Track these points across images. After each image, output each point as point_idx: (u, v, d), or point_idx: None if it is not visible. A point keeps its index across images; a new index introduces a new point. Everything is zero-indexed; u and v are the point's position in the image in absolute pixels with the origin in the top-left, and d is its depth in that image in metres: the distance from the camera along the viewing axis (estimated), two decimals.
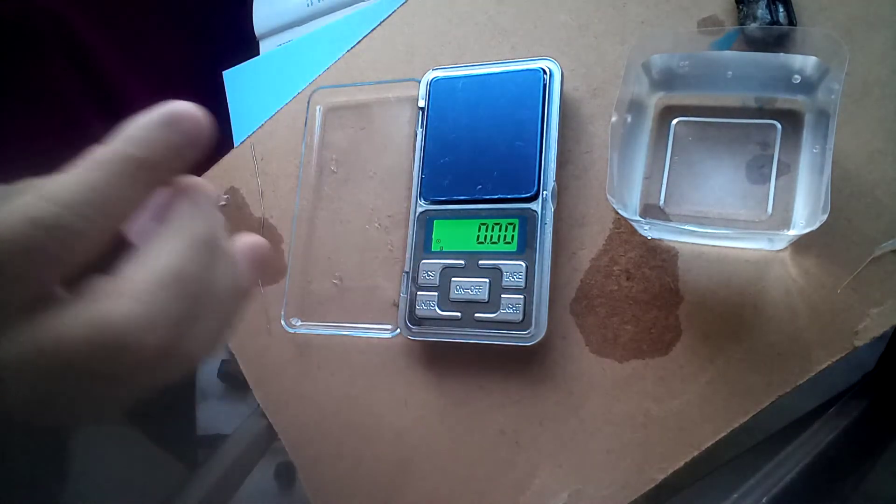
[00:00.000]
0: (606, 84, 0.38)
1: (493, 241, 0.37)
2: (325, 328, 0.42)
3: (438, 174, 0.39)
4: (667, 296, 0.35)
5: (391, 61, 0.43)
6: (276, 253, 0.45)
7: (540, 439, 0.37)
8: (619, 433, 0.35)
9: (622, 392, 0.36)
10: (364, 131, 0.44)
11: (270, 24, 0.56)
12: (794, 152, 0.33)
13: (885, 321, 0.31)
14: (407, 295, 0.39)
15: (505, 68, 0.38)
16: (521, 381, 0.38)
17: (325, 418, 0.42)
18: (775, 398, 0.33)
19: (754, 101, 0.34)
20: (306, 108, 0.44)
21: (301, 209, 0.44)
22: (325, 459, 0.42)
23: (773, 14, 0.34)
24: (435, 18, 0.43)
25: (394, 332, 0.40)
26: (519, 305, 0.36)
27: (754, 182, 0.34)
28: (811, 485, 0.34)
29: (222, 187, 0.47)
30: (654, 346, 0.35)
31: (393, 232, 0.42)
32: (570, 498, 0.36)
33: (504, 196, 0.37)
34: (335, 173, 0.44)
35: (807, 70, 0.32)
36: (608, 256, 0.37)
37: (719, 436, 0.33)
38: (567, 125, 0.38)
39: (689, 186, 0.35)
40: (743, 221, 0.33)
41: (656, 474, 0.34)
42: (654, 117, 0.36)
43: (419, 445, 0.40)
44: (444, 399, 0.39)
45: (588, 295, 0.37)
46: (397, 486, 0.40)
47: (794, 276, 0.33)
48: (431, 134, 0.39)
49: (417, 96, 0.40)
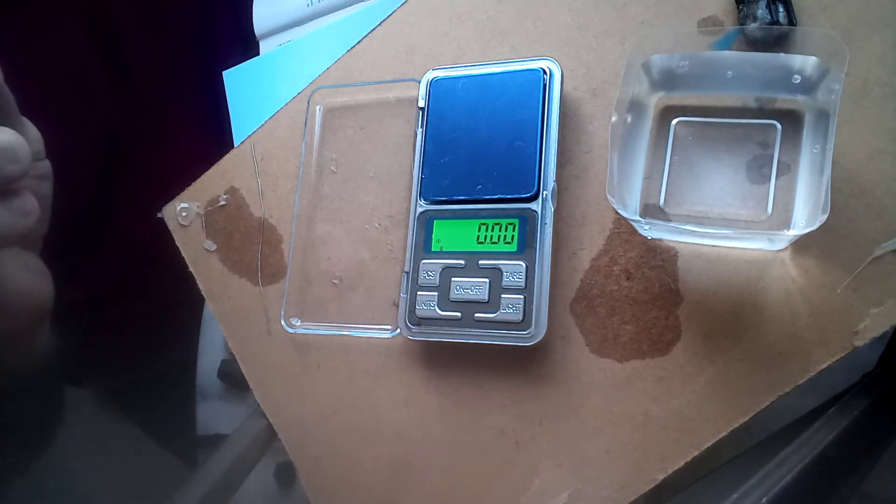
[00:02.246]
0: (606, 84, 0.38)
1: (493, 241, 0.37)
2: (325, 328, 0.42)
3: (438, 174, 0.39)
4: (667, 296, 0.35)
5: (391, 61, 0.43)
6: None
7: (540, 439, 0.37)
8: (619, 433, 0.35)
9: (622, 392, 0.36)
10: (364, 131, 0.44)
11: (270, 24, 0.56)
12: (794, 152, 0.33)
13: (885, 321, 0.31)
14: (407, 295, 0.39)
15: (505, 68, 0.38)
16: (521, 381, 0.38)
17: (325, 418, 0.42)
18: (775, 398, 0.33)
19: (754, 101, 0.34)
20: (306, 108, 0.44)
21: (301, 209, 0.44)
22: (325, 459, 0.42)
23: (773, 14, 0.34)
24: (435, 18, 0.43)
25: (394, 332, 0.40)
26: (519, 305, 0.36)
27: (754, 182, 0.34)
28: (811, 485, 0.34)
29: (222, 187, 0.47)
30: (654, 346, 0.35)
31: (393, 232, 0.42)
32: (570, 498, 0.36)
33: (504, 196, 0.37)
34: (335, 173, 0.44)
35: (807, 70, 0.32)
36: (608, 256, 0.37)
37: (719, 436, 0.33)
38: (567, 125, 0.38)
39: (689, 186, 0.35)
40: (743, 221, 0.33)
41: (656, 474, 0.34)
42: (654, 117, 0.36)
43: (419, 445, 0.40)
44: (444, 399, 0.39)
45: (588, 295, 0.37)
46: (397, 486, 0.40)
47: (794, 276, 0.33)
48: (431, 134, 0.39)
49: (417, 96, 0.40)
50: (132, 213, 0.64)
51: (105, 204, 0.63)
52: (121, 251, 0.66)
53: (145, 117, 0.64)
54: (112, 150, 0.62)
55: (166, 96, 0.65)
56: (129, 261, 0.66)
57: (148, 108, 0.63)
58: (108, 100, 0.61)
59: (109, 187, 0.63)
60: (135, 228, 0.64)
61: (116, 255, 0.66)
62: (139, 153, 0.64)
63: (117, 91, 0.61)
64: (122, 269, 0.67)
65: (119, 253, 0.66)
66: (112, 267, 0.66)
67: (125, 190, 0.64)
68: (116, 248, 0.66)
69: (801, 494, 0.33)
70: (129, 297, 0.68)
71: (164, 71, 0.64)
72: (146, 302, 0.69)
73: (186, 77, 0.65)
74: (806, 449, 0.35)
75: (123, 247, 0.66)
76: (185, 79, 0.65)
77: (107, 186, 0.63)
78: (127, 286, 0.68)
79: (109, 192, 0.63)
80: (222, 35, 0.64)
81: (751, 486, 0.35)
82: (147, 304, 0.69)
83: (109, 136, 0.61)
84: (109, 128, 0.61)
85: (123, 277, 0.67)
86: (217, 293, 0.46)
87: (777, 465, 0.35)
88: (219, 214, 0.47)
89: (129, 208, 0.64)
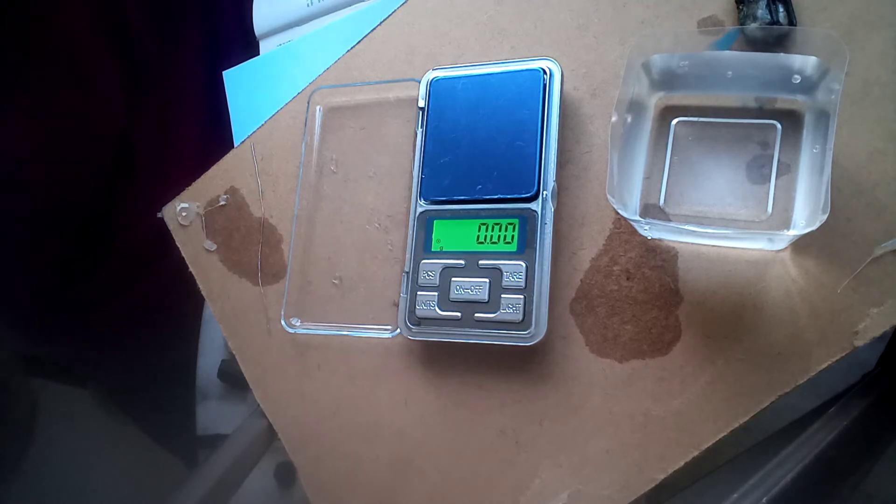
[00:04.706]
0: (606, 84, 0.38)
1: (493, 241, 0.37)
2: (325, 328, 0.42)
3: (438, 174, 0.39)
4: (667, 296, 0.35)
5: (391, 61, 0.43)
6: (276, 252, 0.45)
7: (540, 439, 0.37)
8: (619, 433, 0.35)
9: (622, 392, 0.36)
10: (364, 131, 0.44)
11: (270, 24, 0.57)
12: (794, 152, 0.33)
13: (885, 321, 0.31)
14: (407, 295, 0.39)
15: (505, 68, 0.38)
16: (521, 381, 0.38)
17: (325, 418, 0.42)
18: (775, 398, 0.33)
19: (754, 101, 0.34)
20: (306, 108, 0.44)
21: (301, 209, 0.44)
22: (325, 459, 0.42)
23: (773, 14, 0.34)
24: (435, 18, 0.43)
25: (394, 332, 0.40)
26: (519, 305, 0.36)
27: (754, 182, 0.34)
28: (811, 485, 0.34)
29: (222, 187, 0.47)
30: (654, 346, 0.35)
31: (393, 232, 0.42)
32: (570, 498, 0.36)
33: (504, 196, 0.37)
34: (335, 173, 0.44)
35: (807, 70, 0.32)
36: (608, 256, 0.37)
37: (719, 436, 0.33)
38: (567, 125, 0.38)
39: (689, 186, 0.35)
40: (743, 221, 0.33)
41: (656, 474, 0.35)
42: (654, 117, 0.36)
43: (419, 445, 0.40)
44: (444, 399, 0.39)
45: (588, 295, 0.37)
46: (397, 486, 0.40)
47: (794, 276, 0.33)
48: (431, 134, 0.39)
49: (417, 96, 0.40)
50: (132, 213, 0.64)
51: (107, 204, 0.64)
52: (121, 251, 0.66)
53: (153, 117, 0.64)
54: (121, 150, 0.62)
55: (170, 96, 0.65)
56: (129, 261, 0.66)
57: (155, 108, 0.64)
58: (122, 99, 0.61)
59: (114, 187, 0.63)
60: (135, 228, 0.64)
61: (117, 255, 0.66)
62: (145, 153, 0.64)
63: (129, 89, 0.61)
64: (123, 269, 0.67)
65: (119, 253, 0.66)
66: (112, 267, 0.66)
67: (127, 190, 0.64)
68: (117, 247, 0.66)
69: (801, 494, 0.34)
70: (129, 297, 0.68)
71: (169, 70, 0.64)
72: (146, 302, 0.69)
73: (188, 76, 0.66)
74: (806, 449, 0.35)
75: (124, 247, 0.66)
76: (187, 78, 0.66)
77: (112, 187, 0.63)
78: (127, 286, 0.68)
79: (113, 193, 0.63)
80: (222, 35, 0.64)
81: (751, 486, 0.35)
82: (147, 304, 0.69)
83: (121, 136, 0.61)
84: (121, 128, 0.61)
85: (123, 277, 0.67)
86: (217, 293, 0.46)
87: (777, 465, 0.35)
88: (219, 214, 0.47)
89: (129, 208, 0.64)
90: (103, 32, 0.58)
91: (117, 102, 0.62)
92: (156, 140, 0.65)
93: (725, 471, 0.39)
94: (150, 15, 0.63)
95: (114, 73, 0.60)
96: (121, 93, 0.62)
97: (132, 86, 0.62)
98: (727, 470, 0.39)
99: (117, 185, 0.63)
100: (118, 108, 0.62)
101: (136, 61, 0.62)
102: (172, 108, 0.65)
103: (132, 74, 0.62)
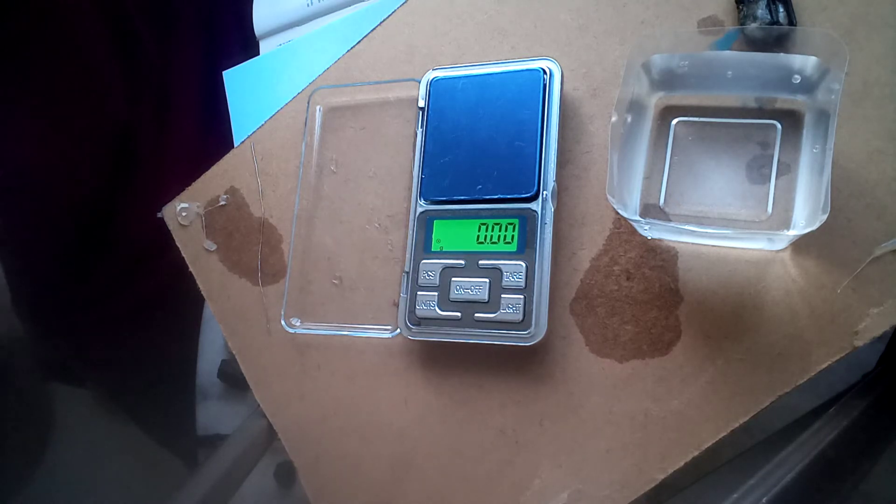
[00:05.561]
0: (606, 84, 0.38)
1: (493, 241, 0.37)
2: (325, 328, 0.42)
3: (438, 174, 0.39)
4: (667, 296, 0.35)
5: (391, 61, 0.43)
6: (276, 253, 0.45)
7: (540, 439, 0.37)
8: (619, 433, 0.35)
9: (622, 392, 0.36)
10: (364, 131, 0.44)
11: (270, 24, 0.57)
12: (794, 152, 0.33)
13: (885, 321, 0.31)
14: (407, 295, 0.39)
15: (505, 68, 0.38)
16: (521, 381, 0.38)
17: (325, 418, 0.42)
18: (775, 398, 0.33)
19: (754, 101, 0.34)
20: (306, 108, 0.44)
21: (301, 209, 0.44)
22: (325, 459, 0.42)
23: (773, 14, 0.34)
24: (435, 18, 0.43)
25: (394, 332, 0.40)
26: (519, 305, 0.36)
27: (754, 182, 0.34)
28: (811, 485, 0.34)
29: (222, 187, 0.47)
30: (654, 346, 0.35)
31: (393, 232, 0.42)
32: (570, 498, 0.36)
33: (504, 196, 0.37)
34: (335, 173, 0.44)
35: (807, 70, 0.32)
36: (608, 256, 0.37)
37: (719, 436, 0.33)
38: (567, 125, 0.38)
39: (689, 186, 0.35)
40: (743, 221, 0.33)
41: (656, 474, 0.35)
42: (654, 117, 0.36)
43: (419, 445, 0.40)
44: (444, 399, 0.39)
45: (588, 295, 0.37)
46: (397, 486, 0.40)
47: (794, 276, 0.33)
48: (431, 134, 0.39)
49: (417, 96, 0.40)
50: (132, 212, 0.64)
51: (108, 204, 0.64)
52: (121, 251, 0.66)
53: (153, 117, 0.64)
54: (121, 150, 0.62)
55: (170, 96, 0.65)
56: (128, 261, 0.66)
57: (155, 108, 0.64)
58: (123, 98, 0.61)
59: (114, 187, 0.63)
60: (135, 228, 0.64)
61: (116, 255, 0.66)
62: (145, 153, 0.64)
63: (131, 89, 0.61)
64: (122, 269, 0.67)
65: (119, 253, 0.66)
66: (112, 267, 0.66)
67: (127, 190, 0.64)
68: (117, 247, 0.66)
69: (801, 494, 0.34)
70: (128, 297, 0.68)
71: (169, 70, 0.64)
72: (146, 302, 0.69)
73: (188, 76, 0.66)
74: (806, 449, 0.35)
75: (123, 247, 0.66)
76: (187, 78, 0.66)
77: (112, 186, 0.63)
78: (127, 286, 0.68)
79: (113, 193, 0.63)
80: (222, 35, 0.64)
81: (751, 486, 0.35)
82: (147, 303, 0.69)
83: (122, 135, 0.61)
84: (121, 128, 0.61)
85: (123, 277, 0.68)
86: (217, 293, 0.46)
87: (777, 465, 0.35)
88: (219, 214, 0.47)
89: (130, 208, 0.64)
90: (104, 33, 0.58)
91: (118, 102, 0.62)
92: (156, 140, 0.65)
93: (725, 471, 0.39)
94: (151, 15, 0.63)
95: (114, 73, 0.60)
96: (121, 93, 0.62)
97: (132, 86, 0.62)
98: (727, 470, 0.38)
99: (117, 184, 0.63)
100: (118, 108, 0.62)
101: (137, 61, 0.62)
102: (172, 108, 0.65)
103: (132, 74, 0.62)
